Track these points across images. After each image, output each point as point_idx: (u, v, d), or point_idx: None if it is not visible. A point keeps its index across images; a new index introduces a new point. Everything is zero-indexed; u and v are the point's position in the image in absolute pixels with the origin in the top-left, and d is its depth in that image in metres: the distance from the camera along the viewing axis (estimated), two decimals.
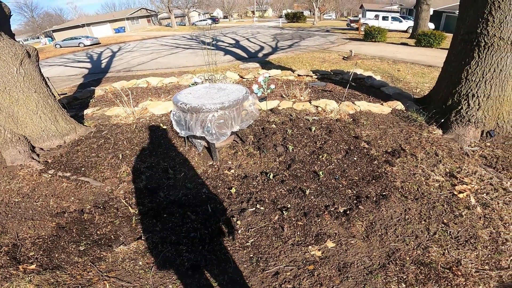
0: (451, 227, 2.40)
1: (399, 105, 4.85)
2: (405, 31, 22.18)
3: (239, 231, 2.48)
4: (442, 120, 4.00)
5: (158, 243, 2.39)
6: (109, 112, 5.18)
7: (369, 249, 2.25)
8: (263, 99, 5.19)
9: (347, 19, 34.71)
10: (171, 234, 2.48)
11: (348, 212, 2.61)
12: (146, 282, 2.06)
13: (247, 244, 2.36)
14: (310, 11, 56.43)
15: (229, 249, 2.32)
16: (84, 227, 2.61)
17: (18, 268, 2.13)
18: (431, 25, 19.20)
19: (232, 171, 3.34)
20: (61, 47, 29.37)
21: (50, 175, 3.37)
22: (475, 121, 3.72)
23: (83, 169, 3.48)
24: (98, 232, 2.55)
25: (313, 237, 2.37)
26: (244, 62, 10.69)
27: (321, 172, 3.16)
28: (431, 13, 18.35)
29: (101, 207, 2.86)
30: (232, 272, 2.12)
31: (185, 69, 10.37)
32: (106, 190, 3.12)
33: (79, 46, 27.77)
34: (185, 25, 51.49)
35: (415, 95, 5.81)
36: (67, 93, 7.44)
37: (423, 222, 2.47)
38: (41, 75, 4.05)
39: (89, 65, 14.10)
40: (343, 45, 15.29)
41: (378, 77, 7.01)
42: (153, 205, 2.84)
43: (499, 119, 3.77)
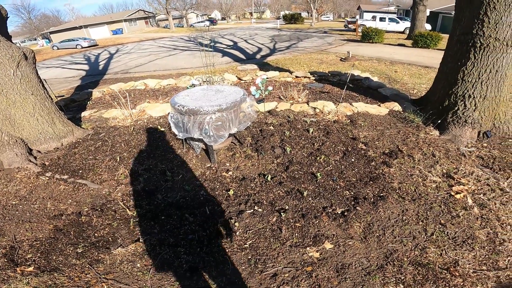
0: (448, 227, 2.41)
1: (396, 106, 4.87)
2: (402, 32, 22.29)
3: (237, 233, 2.48)
4: (439, 121, 4.01)
5: (156, 245, 2.38)
6: (106, 114, 5.17)
7: (367, 250, 2.26)
8: (261, 100, 5.19)
9: (344, 20, 34.81)
10: (169, 236, 2.48)
11: (346, 213, 2.62)
12: (144, 284, 2.06)
13: (245, 245, 2.36)
14: (308, 13, 56.55)
15: (227, 250, 2.32)
16: (81, 230, 2.60)
17: (16, 270, 2.12)
18: (427, 26, 19.32)
19: (230, 173, 3.34)
20: (58, 48, 29.30)
21: (47, 178, 3.36)
22: (472, 121, 3.74)
23: (80, 171, 3.47)
24: (96, 235, 2.55)
25: (311, 239, 2.38)
26: (242, 64, 10.71)
27: (319, 174, 3.17)
28: (427, 14, 18.47)
29: (99, 209, 2.86)
30: (231, 274, 2.12)
31: (183, 71, 10.38)
32: (103, 192, 3.11)
33: (76, 48, 27.75)
34: (183, 26, 51.53)
35: (412, 96, 5.84)
36: (65, 95, 7.41)
37: (421, 223, 2.47)
38: (38, 77, 4.04)
39: (86, 67, 14.08)
40: (340, 46, 15.36)
41: (376, 78, 7.03)
42: (151, 207, 2.84)
43: (496, 119, 3.79)
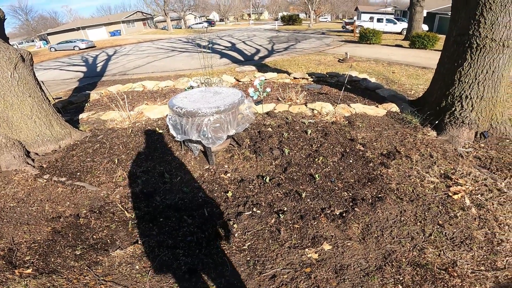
0: (446, 228, 2.42)
1: (394, 107, 4.89)
2: (400, 33, 22.41)
3: (235, 235, 2.48)
4: (436, 122, 4.03)
5: (155, 247, 2.38)
6: (104, 116, 5.16)
7: (365, 251, 2.26)
8: (259, 102, 5.20)
9: (342, 21, 34.89)
10: (167, 238, 2.47)
11: (344, 214, 2.62)
12: (143, 286, 2.05)
13: (244, 247, 2.36)
14: (306, 14, 56.75)
15: (226, 252, 2.32)
16: (80, 232, 2.59)
17: (14, 272, 2.11)
18: (424, 27, 19.40)
19: (229, 174, 3.34)
20: (56, 50, 29.21)
21: (45, 180, 3.34)
22: (469, 122, 3.75)
23: (78, 174, 3.46)
24: (94, 237, 2.54)
25: (309, 240, 2.38)
26: (240, 65, 10.72)
27: (317, 175, 3.17)
28: (424, 14, 18.57)
29: (97, 211, 2.85)
30: (229, 276, 2.12)
31: (181, 72, 10.37)
32: (102, 194, 3.10)
33: (74, 50, 27.68)
34: (181, 28, 51.50)
35: (410, 97, 5.86)
36: (62, 97, 7.39)
37: (419, 224, 2.48)
38: (36, 79, 4.03)
39: (84, 68, 14.04)
40: (338, 47, 15.39)
41: (373, 79, 7.05)
42: (149, 209, 2.84)
43: (493, 120, 3.81)
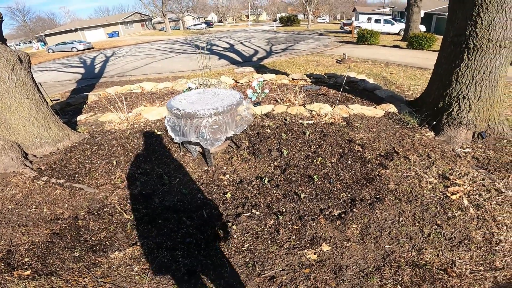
0: (444, 228, 2.42)
1: (392, 108, 4.91)
2: (397, 34, 22.50)
3: (234, 236, 2.48)
4: (434, 122, 4.05)
5: (154, 248, 2.38)
6: (102, 118, 5.15)
7: (364, 251, 2.27)
8: (257, 103, 5.21)
9: (340, 22, 35.03)
10: (166, 239, 2.47)
11: (343, 215, 2.63)
12: (142, 287, 2.05)
13: (243, 248, 2.36)
14: (304, 15, 56.84)
15: (225, 253, 2.32)
16: (78, 234, 2.59)
17: (12, 274, 2.10)
18: (422, 27, 19.49)
19: (227, 176, 3.34)
20: (53, 51, 29.11)
21: (43, 182, 3.33)
22: (466, 122, 3.77)
23: (76, 175, 3.45)
24: (92, 238, 2.53)
25: (308, 241, 2.38)
26: (238, 67, 10.72)
27: (315, 176, 3.18)
28: (422, 15, 18.65)
29: (96, 213, 2.84)
30: (229, 277, 2.12)
31: (180, 73, 10.36)
32: (100, 196, 3.09)
33: (72, 51, 27.60)
34: (179, 29, 51.54)
35: (408, 97, 5.88)
36: (60, 99, 7.38)
37: (417, 224, 2.49)
38: (33, 80, 4.02)
39: (82, 70, 14.02)
40: (336, 48, 15.44)
41: (371, 80, 7.08)
42: (148, 211, 2.83)
43: (490, 120, 3.83)
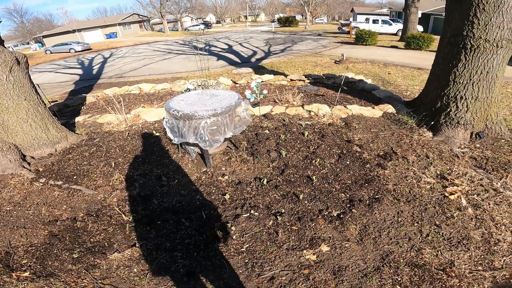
0: (443, 228, 2.43)
1: (390, 108, 4.92)
2: (395, 34, 22.57)
3: (233, 237, 2.48)
4: (432, 123, 4.06)
5: (153, 250, 2.37)
6: (101, 119, 5.14)
7: (363, 252, 2.27)
8: (256, 104, 5.21)
9: (338, 23, 35.08)
10: (165, 241, 2.46)
11: (341, 215, 2.63)
12: None
13: (242, 249, 2.36)
14: (302, 15, 56.91)
15: (224, 254, 2.32)
16: (77, 235, 2.58)
17: (11, 276, 2.10)
18: (419, 28, 19.58)
19: (226, 177, 3.34)
20: (51, 53, 29.04)
21: (41, 184, 3.32)
22: (464, 123, 3.79)
23: (75, 177, 3.44)
24: (91, 240, 2.53)
25: (307, 241, 2.38)
26: (237, 67, 10.73)
27: (314, 177, 3.18)
28: (419, 15, 18.74)
29: (94, 215, 2.83)
30: (228, 278, 2.12)
31: (178, 74, 10.36)
32: (99, 198, 3.09)
33: (70, 52, 27.50)
34: (177, 30, 51.54)
35: (406, 98, 5.90)
36: (58, 100, 7.36)
37: (416, 224, 2.50)
38: (31, 82, 4.01)
39: (80, 71, 13.98)
40: (334, 48, 15.47)
41: (369, 81, 7.09)
42: (146, 212, 2.83)
43: (488, 120, 3.85)
